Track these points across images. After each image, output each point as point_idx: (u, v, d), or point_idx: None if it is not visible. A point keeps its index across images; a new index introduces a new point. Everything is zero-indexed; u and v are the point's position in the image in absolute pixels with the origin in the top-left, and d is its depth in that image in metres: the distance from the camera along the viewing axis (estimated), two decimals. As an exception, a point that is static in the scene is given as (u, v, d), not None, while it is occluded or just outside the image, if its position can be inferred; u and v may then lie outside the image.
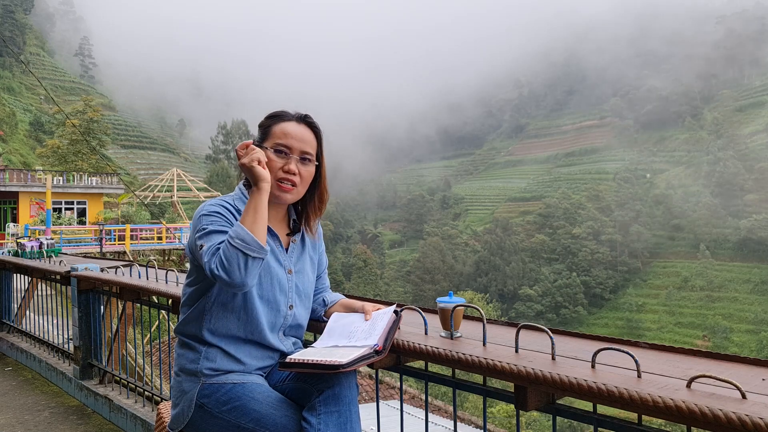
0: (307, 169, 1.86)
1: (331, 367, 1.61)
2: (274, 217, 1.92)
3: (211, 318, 1.80)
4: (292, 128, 1.85)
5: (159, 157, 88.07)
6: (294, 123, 1.87)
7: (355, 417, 1.69)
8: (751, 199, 76.99)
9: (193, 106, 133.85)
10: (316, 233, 2.02)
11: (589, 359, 1.49)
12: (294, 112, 1.91)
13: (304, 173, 1.85)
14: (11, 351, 5.56)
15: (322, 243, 2.09)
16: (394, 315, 1.87)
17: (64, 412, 4.01)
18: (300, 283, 1.93)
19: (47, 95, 63.35)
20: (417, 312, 2.02)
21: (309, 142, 1.87)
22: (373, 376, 11.73)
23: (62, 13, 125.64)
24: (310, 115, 1.92)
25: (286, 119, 1.88)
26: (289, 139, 1.83)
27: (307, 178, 1.87)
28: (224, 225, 1.75)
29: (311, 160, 1.87)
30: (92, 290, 4.14)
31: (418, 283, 76.71)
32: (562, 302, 72.46)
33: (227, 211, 1.81)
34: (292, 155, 1.83)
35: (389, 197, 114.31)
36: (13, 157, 46.33)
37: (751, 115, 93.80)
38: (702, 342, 59.73)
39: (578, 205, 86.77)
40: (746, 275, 68.37)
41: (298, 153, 1.84)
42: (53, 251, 5.83)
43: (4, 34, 66.96)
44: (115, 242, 26.42)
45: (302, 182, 1.86)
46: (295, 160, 1.83)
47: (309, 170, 1.87)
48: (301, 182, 1.85)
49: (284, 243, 1.91)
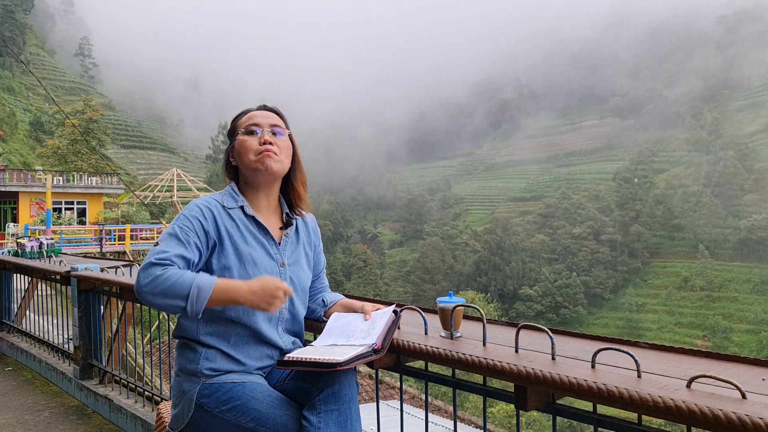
0: (281, 140, 1.91)
1: (329, 365, 1.60)
2: (266, 209, 1.94)
3: (206, 321, 1.80)
4: (255, 112, 1.94)
5: (159, 157, 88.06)
6: (255, 110, 1.96)
7: (356, 415, 1.69)
8: (751, 199, 76.98)
9: (193, 106, 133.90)
10: (307, 215, 2.04)
11: (589, 359, 1.49)
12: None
13: (281, 143, 1.90)
14: (11, 351, 5.56)
15: (320, 242, 2.09)
16: (394, 315, 1.87)
17: (64, 412, 4.01)
18: (295, 276, 1.93)
19: (47, 95, 63.32)
20: (417, 312, 2.02)
21: (274, 118, 1.94)
22: (373, 376, 11.73)
23: (62, 13, 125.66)
24: (267, 104, 2.01)
25: (248, 111, 1.97)
26: (255, 119, 1.91)
27: (285, 149, 1.91)
28: (193, 236, 1.76)
29: (282, 132, 1.92)
30: (92, 290, 4.14)
31: (418, 283, 76.70)
32: (562, 302, 72.44)
33: (210, 214, 1.82)
34: (264, 128, 1.89)
35: (389, 197, 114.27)
36: (13, 157, 46.34)
37: (751, 115, 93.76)
38: (702, 342, 59.72)
39: (578, 205, 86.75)
40: (746, 275, 68.35)
41: (268, 126, 1.90)
42: (53, 251, 5.83)
43: (4, 34, 66.96)
44: (115, 242, 26.42)
45: (282, 152, 1.89)
46: (267, 132, 1.88)
47: (284, 140, 1.92)
48: (281, 152, 1.89)
49: (277, 237, 1.92)
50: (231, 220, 1.84)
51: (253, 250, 1.83)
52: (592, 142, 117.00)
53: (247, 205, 1.89)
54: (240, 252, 1.82)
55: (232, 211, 1.86)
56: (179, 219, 1.80)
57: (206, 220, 1.80)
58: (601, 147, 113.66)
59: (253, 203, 1.92)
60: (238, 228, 1.84)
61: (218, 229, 1.81)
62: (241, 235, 1.83)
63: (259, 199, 1.93)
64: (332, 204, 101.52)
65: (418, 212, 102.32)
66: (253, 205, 1.91)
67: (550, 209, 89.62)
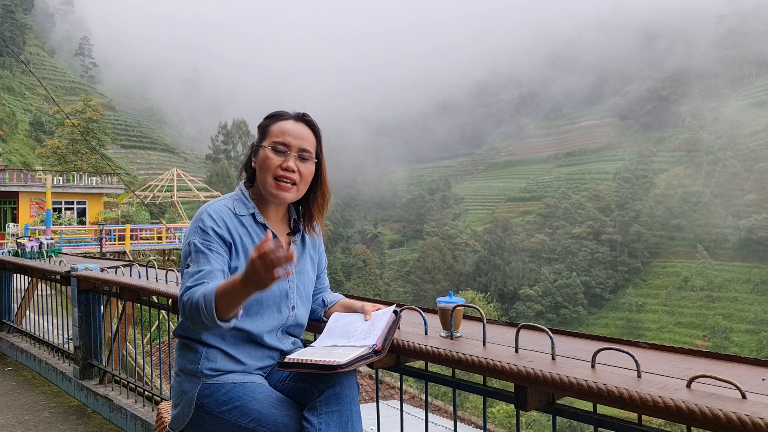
0: (306, 166, 1.85)
1: (330, 367, 1.61)
2: (275, 216, 1.93)
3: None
4: (289, 126, 1.86)
5: (159, 157, 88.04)
6: (292, 121, 1.88)
7: (356, 416, 1.69)
8: (751, 199, 76.95)
9: (193, 106, 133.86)
10: (318, 234, 2.02)
11: (589, 359, 1.49)
12: (293, 111, 1.91)
13: (304, 171, 1.85)
14: (11, 351, 5.56)
15: (321, 243, 2.09)
16: (394, 315, 1.87)
17: (64, 412, 4.01)
18: (301, 284, 1.94)
19: (47, 95, 63.35)
20: (417, 312, 2.02)
21: (307, 139, 1.87)
22: (373, 376, 11.73)
23: (62, 13, 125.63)
24: (308, 114, 1.92)
25: (284, 118, 1.89)
26: (286, 136, 1.84)
27: (306, 176, 1.86)
28: (217, 249, 1.75)
29: (310, 158, 1.86)
30: (92, 290, 4.14)
31: (418, 283, 76.72)
32: (562, 302, 72.44)
33: (224, 222, 1.80)
34: (291, 153, 1.83)
35: (389, 197, 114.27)
36: (13, 157, 46.33)
37: (751, 115, 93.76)
38: (702, 342, 59.73)
39: (578, 205, 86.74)
40: (746, 275, 68.36)
41: (296, 150, 1.84)
42: (53, 251, 5.82)
43: (4, 34, 66.96)
44: (115, 242, 26.40)
45: (302, 180, 1.85)
46: (293, 158, 1.83)
47: (308, 168, 1.86)
48: (300, 180, 1.85)
49: (285, 244, 1.91)
50: (242, 227, 1.84)
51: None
52: (592, 142, 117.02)
53: (258, 213, 1.88)
54: None
55: (243, 218, 1.85)
56: (197, 233, 1.77)
57: (220, 227, 1.79)
58: (601, 147, 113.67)
59: (264, 210, 1.91)
60: (250, 235, 1.84)
61: (231, 234, 1.81)
62: (253, 242, 1.83)
63: (269, 208, 1.92)
64: (332, 204, 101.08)
65: (418, 212, 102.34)
66: (263, 212, 1.90)
67: (550, 209, 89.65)
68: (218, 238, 1.77)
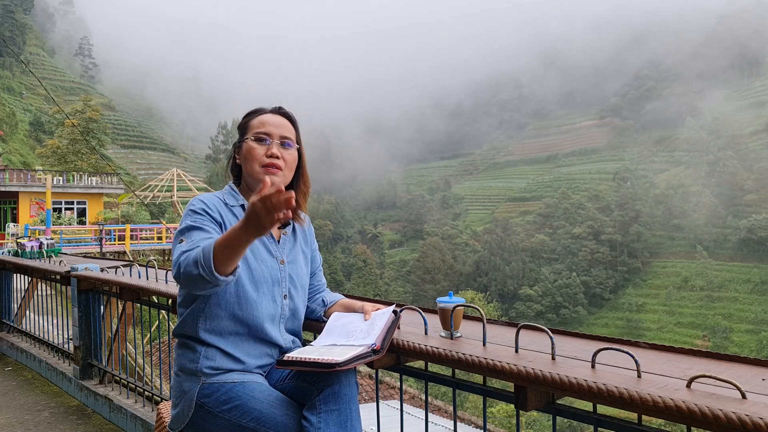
0: (289, 153, 1.93)
1: (328, 365, 1.61)
2: None
3: (207, 318, 1.81)
4: (268, 118, 1.95)
5: (159, 157, 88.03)
6: (269, 114, 1.97)
7: (356, 415, 1.70)
8: (751, 199, 76.96)
9: (192, 106, 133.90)
10: (305, 220, 2.06)
11: (589, 359, 1.49)
12: (269, 106, 2.00)
13: (287, 157, 1.92)
14: (11, 351, 5.56)
15: (314, 240, 2.13)
16: (393, 315, 1.88)
17: (64, 412, 4.01)
18: (294, 274, 1.95)
19: (47, 95, 63.35)
20: (417, 312, 2.02)
21: (287, 128, 1.95)
22: (373, 376, 11.73)
23: (62, 13, 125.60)
24: (283, 107, 2.01)
25: (262, 112, 1.98)
26: (267, 126, 1.92)
27: (291, 162, 1.94)
28: (209, 223, 1.79)
29: (292, 144, 1.94)
30: (92, 290, 4.14)
31: (418, 283, 76.75)
32: (562, 302, 72.47)
33: (215, 206, 1.85)
34: (273, 140, 1.90)
35: (389, 197, 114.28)
36: (13, 157, 46.34)
37: (751, 115, 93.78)
38: (702, 342, 59.74)
39: (578, 205, 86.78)
40: (746, 275, 68.38)
41: (278, 138, 1.92)
42: (53, 251, 5.82)
43: (4, 34, 66.97)
44: (115, 242, 26.40)
45: (287, 166, 1.92)
46: (276, 145, 1.90)
47: (291, 154, 1.94)
48: (285, 166, 1.92)
49: (276, 235, 1.95)
50: (233, 215, 1.88)
51: (253, 247, 1.85)
52: (592, 142, 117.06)
53: (248, 204, 1.90)
54: None
55: (234, 208, 1.90)
56: (189, 215, 1.82)
57: (212, 210, 1.84)
58: (601, 147, 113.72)
59: None
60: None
61: (222, 219, 1.85)
62: None
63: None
64: (332, 204, 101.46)
65: (418, 212, 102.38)
66: None
67: (550, 209, 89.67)
68: (210, 218, 1.81)
